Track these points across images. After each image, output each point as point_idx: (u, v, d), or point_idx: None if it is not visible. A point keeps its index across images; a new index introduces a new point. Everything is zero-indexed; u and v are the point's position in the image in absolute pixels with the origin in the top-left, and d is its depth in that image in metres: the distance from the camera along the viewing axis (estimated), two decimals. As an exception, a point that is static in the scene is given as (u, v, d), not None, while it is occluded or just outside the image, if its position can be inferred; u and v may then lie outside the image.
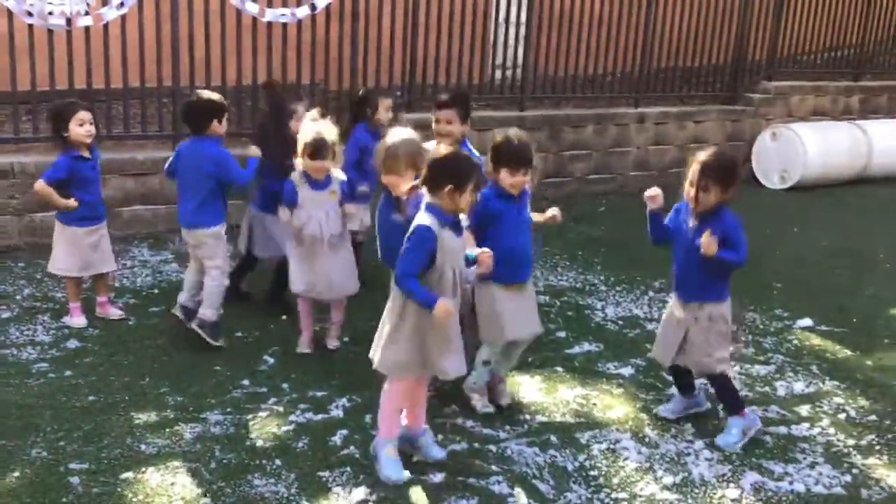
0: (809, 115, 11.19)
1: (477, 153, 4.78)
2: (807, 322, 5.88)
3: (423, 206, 3.69)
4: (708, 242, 3.97)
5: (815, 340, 5.66)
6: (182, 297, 5.25)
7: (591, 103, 9.72)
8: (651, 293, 6.32)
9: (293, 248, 4.98)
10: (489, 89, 9.26)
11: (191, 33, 7.20)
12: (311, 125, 4.83)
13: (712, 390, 4.44)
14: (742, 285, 6.25)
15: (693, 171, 4.11)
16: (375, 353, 3.79)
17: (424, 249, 3.58)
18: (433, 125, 4.93)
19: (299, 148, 4.82)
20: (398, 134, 4.31)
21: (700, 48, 10.36)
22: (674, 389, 4.55)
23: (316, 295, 5.01)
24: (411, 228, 3.64)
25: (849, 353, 5.49)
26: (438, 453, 3.95)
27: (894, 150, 10.76)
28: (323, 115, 4.94)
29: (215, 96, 5.16)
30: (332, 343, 5.12)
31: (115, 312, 5.44)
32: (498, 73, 9.44)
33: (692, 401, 4.50)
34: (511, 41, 9.20)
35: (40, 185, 5.10)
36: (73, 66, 6.83)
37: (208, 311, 5.04)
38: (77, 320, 5.28)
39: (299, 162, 4.84)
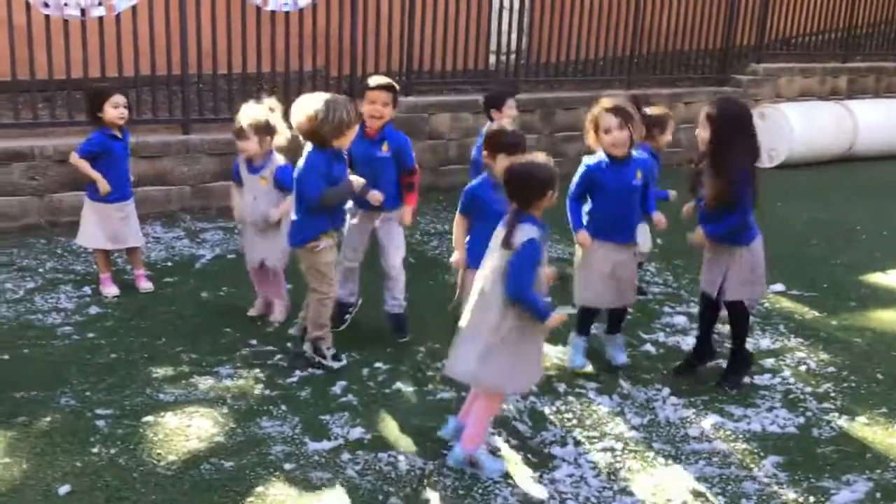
0: (797, 96, 11.56)
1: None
2: (779, 287, 6.26)
3: (525, 223, 3.67)
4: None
5: (786, 303, 6.05)
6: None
7: (583, 86, 10.10)
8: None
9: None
10: (485, 73, 9.68)
11: (198, 23, 7.60)
12: (247, 107, 5.19)
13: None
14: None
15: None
16: (467, 367, 3.74)
17: (537, 264, 3.67)
18: (367, 105, 4.93)
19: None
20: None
21: (690, 32, 10.73)
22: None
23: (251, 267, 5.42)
24: (524, 242, 3.61)
25: (816, 314, 5.88)
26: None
27: (879, 130, 11.11)
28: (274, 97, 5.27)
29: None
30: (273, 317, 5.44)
31: (146, 285, 5.82)
32: (492, 59, 9.84)
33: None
34: (505, 27, 9.57)
35: (74, 157, 5.53)
36: (87, 55, 7.24)
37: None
38: (108, 290, 5.69)
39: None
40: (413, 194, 5.15)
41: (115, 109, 5.48)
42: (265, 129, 5.11)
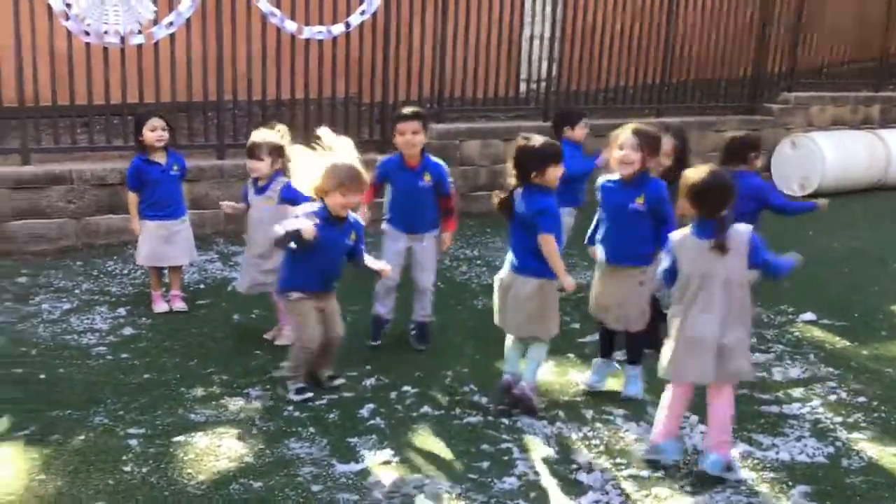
0: (829, 125, 11.50)
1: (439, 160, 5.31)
2: (810, 316, 6.22)
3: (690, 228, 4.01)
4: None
5: (817, 332, 6.00)
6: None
7: (613, 114, 10.13)
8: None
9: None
10: (516, 101, 9.77)
11: (234, 50, 7.75)
12: (259, 131, 5.43)
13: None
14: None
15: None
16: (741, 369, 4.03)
17: None
18: (398, 137, 5.13)
19: None
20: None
21: (720, 61, 10.75)
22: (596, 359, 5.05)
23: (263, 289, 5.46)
24: (752, 235, 4.08)
25: (847, 343, 5.82)
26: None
27: (913, 159, 11.02)
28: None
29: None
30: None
31: (180, 305, 5.95)
32: (523, 87, 9.92)
33: (612, 365, 5.03)
34: (536, 56, 9.65)
35: (129, 194, 5.86)
36: (125, 82, 7.41)
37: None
38: (157, 306, 5.89)
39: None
40: (453, 218, 5.39)
41: (152, 133, 5.73)
42: (277, 151, 5.26)
